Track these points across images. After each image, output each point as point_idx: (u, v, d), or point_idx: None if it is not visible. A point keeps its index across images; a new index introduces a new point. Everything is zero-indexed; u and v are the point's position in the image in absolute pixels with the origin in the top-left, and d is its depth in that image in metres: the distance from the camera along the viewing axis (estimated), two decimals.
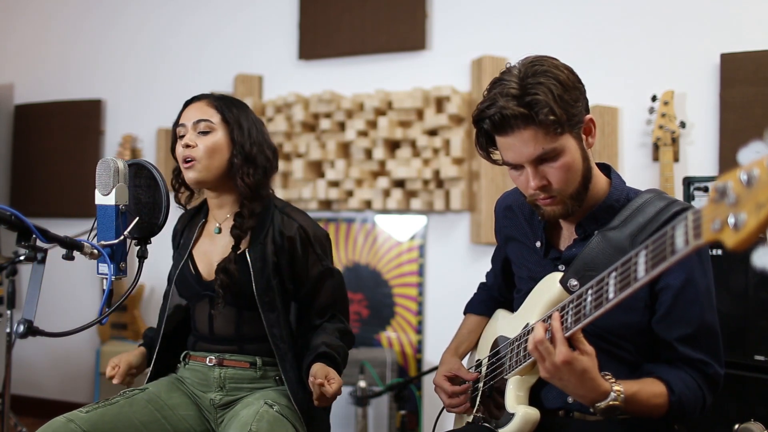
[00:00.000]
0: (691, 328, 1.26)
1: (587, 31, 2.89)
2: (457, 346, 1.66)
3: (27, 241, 1.27)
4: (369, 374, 2.86)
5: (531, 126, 1.22)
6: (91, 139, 3.84)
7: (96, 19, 3.95)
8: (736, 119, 2.59)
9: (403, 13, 3.22)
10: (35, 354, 3.84)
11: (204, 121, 1.66)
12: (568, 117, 1.23)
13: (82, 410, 1.54)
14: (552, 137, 1.23)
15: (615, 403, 1.17)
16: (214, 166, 1.65)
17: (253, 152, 1.67)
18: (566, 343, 1.15)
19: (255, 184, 1.67)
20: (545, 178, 1.28)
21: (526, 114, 1.21)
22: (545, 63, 1.26)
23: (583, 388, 1.16)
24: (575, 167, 1.28)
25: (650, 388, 1.23)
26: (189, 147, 1.64)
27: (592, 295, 1.15)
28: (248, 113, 1.73)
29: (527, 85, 1.22)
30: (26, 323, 1.18)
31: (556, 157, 1.26)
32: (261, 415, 1.50)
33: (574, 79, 1.27)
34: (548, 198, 1.30)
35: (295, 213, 1.73)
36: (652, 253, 1.01)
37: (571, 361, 1.14)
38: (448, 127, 3.04)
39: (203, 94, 1.73)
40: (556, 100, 1.21)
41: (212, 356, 1.69)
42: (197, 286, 1.72)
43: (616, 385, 1.18)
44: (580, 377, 1.15)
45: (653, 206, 1.29)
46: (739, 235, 0.79)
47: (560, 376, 1.16)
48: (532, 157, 1.25)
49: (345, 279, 1.81)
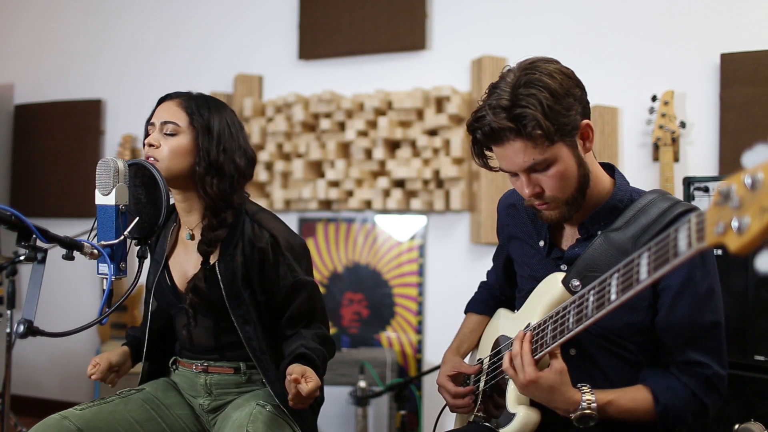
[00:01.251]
0: (689, 329, 1.26)
1: (587, 31, 2.89)
2: (459, 345, 1.66)
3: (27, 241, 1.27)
4: (369, 374, 2.86)
5: (520, 138, 1.24)
6: (91, 139, 3.83)
7: (96, 19, 3.95)
8: (736, 119, 2.59)
9: (403, 13, 3.22)
10: (35, 354, 3.84)
11: (170, 123, 1.58)
12: (558, 128, 1.24)
13: (76, 408, 1.54)
14: (542, 148, 1.24)
15: (587, 412, 1.23)
16: (176, 169, 1.57)
17: (219, 160, 1.58)
18: (532, 363, 1.24)
19: (218, 195, 1.58)
20: (538, 185, 1.30)
21: (513, 128, 1.23)
22: (538, 70, 1.25)
23: (553, 402, 1.25)
24: (568, 175, 1.28)
25: (631, 395, 1.27)
26: (152, 147, 1.58)
27: (594, 296, 1.15)
28: (223, 116, 1.63)
29: (518, 95, 1.23)
30: (26, 323, 1.18)
31: (548, 166, 1.27)
32: (255, 416, 1.50)
33: (569, 86, 1.26)
34: (543, 204, 1.32)
35: (267, 220, 1.64)
36: (654, 255, 1.01)
37: (536, 380, 1.23)
38: (448, 127, 3.04)
39: (178, 93, 1.65)
40: (546, 112, 1.22)
41: (197, 363, 1.67)
42: (173, 297, 1.68)
43: (587, 395, 1.24)
44: (547, 393, 1.24)
45: (657, 207, 1.28)
46: (743, 239, 0.78)
47: (530, 392, 1.27)
48: (523, 167, 1.28)
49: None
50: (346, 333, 3.29)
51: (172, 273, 1.69)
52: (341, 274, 3.30)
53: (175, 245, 1.72)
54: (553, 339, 1.23)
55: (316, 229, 3.38)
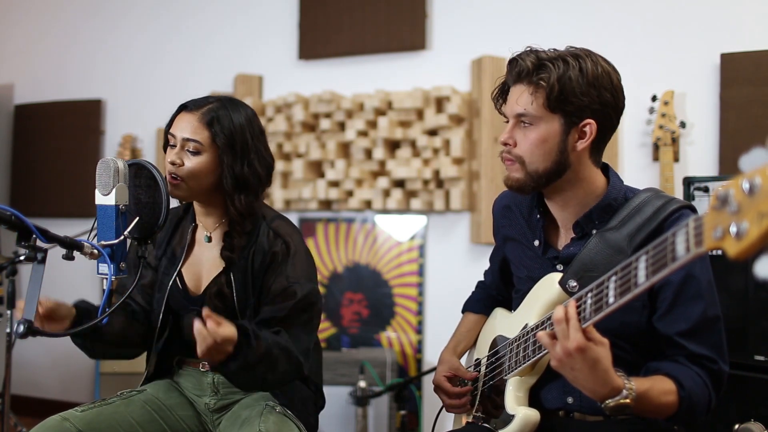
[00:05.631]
0: (695, 323, 1.24)
1: (587, 31, 2.88)
2: (456, 345, 1.66)
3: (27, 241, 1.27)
4: (369, 374, 2.86)
5: (527, 84, 1.30)
6: (91, 139, 3.83)
7: (96, 19, 3.94)
8: (736, 119, 2.59)
9: (403, 13, 3.22)
10: (35, 354, 3.84)
11: (192, 141, 1.55)
12: (562, 98, 1.26)
13: (77, 409, 1.53)
14: (538, 106, 1.28)
15: (626, 401, 1.13)
16: (200, 187, 1.57)
17: (244, 174, 1.56)
18: (581, 330, 1.11)
19: (246, 208, 1.58)
20: (514, 138, 1.33)
21: (529, 71, 1.28)
22: (591, 56, 1.31)
23: (593, 380, 1.12)
24: (546, 148, 1.30)
25: (660, 386, 1.19)
26: (174, 164, 1.55)
27: (592, 298, 1.14)
28: (245, 127, 1.59)
29: (557, 57, 1.29)
30: (26, 323, 1.18)
31: (531, 126, 1.30)
32: (266, 416, 1.50)
33: (603, 82, 1.30)
34: (510, 159, 1.34)
35: (284, 227, 1.62)
36: (652, 259, 1.01)
37: (585, 349, 1.09)
38: (448, 127, 3.04)
39: (197, 102, 1.60)
40: (563, 79, 1.26)
41: (205, 362, 1.66)
42: (184, 300, 1.66)
43: (629, 382, 1.14)
44: (592, 367, 1.10)
45: (651, 206, 1.28)
46: (741, 244, 0.78)
47: (572, 364, 1.12)
48: (513, 112, 1.32)
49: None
50: (346, 333, 3.30)
51: (184, 275, 1.67)
52: (341, 274, 3.30)
53: (191, 246, 1.70)
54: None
55: (316, 229, 3.38)
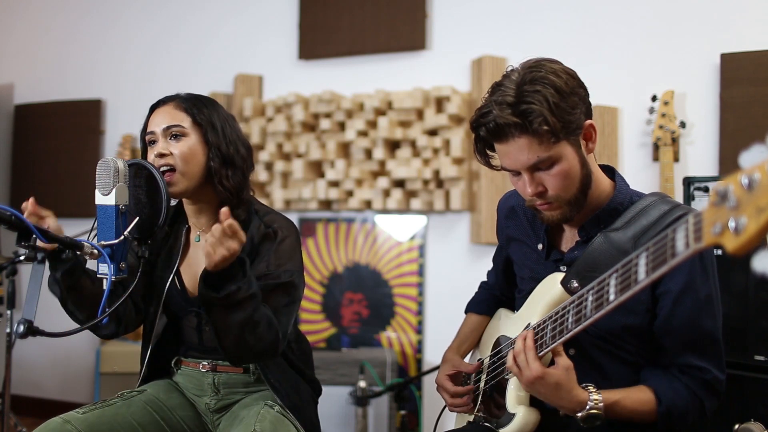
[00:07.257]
0: (689, 334, 1.26)
1: (587, 31, 2.89)
2: (459, 345, 1.66)
3: (27, 241, 1.28)
4: (369, 374, 2.86)
5: (525, 135, 1.22)
6: (91, 139, 3.83)
7: (96, 18, 3.94)
8: (736, 119, 2.59)
9: (403, 13, 3.22)
10: (35, 354, 3.84)
11: (174, 126, 1.55)
12: (563, 125, 1.22)
13: (78, 411, 1.53)
14: (547, 146, 1.23)
15: (594, 412, 1.21)
16: (194, 172, 1.55)
17: (230, 152, 1.58)
18: (537, 360, 1.22)
19: (236, 187, 1.57)
20: (541, 184, 1.28)
21: (519, 123, 1.21)
22: (543, 68, 1.24)
23: (559, 399, 1.22)
24: (572, 174, 1.27)
25: (636, 396, 1.25)
26: (163, 156, 1.53)
27: (593, 296, 1.15)
28: (219, 111, 1.62)
29: (523, 92, 1.22)
30: (26, 323, 1.18)
31: (552, 165, 1.25)
32: (263, 415, 1.50)
33: (573, 85, 1.25)
34: (546, 204, 1.30)
35: (275, 221, 1.61)
36: (652, 255, 1.01)
37: (543, 376, 1.21)
38: (448, 127, 3.04)
39: (169, 97, 1.61)
40: (552, 108, 1.20)
41: (205, 362, 1.66)
42: (183, 302, 1.66)
43: (595, 395, 1.22)
44: (555, 389, 1.21)
45: (657, 209, 1.28)
46: (740, 239, 0.78)
47: (537, 389, 1.24)
48: (527, 165, 1.26)
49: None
50: (346, 333, 3.30)
51: (182, 276, 1.67)
52: (341, 274, 3.30)
53: (185, 248, 1.69)
54: (552, 339, 1.23)
55: (316, 229, 3.38)
